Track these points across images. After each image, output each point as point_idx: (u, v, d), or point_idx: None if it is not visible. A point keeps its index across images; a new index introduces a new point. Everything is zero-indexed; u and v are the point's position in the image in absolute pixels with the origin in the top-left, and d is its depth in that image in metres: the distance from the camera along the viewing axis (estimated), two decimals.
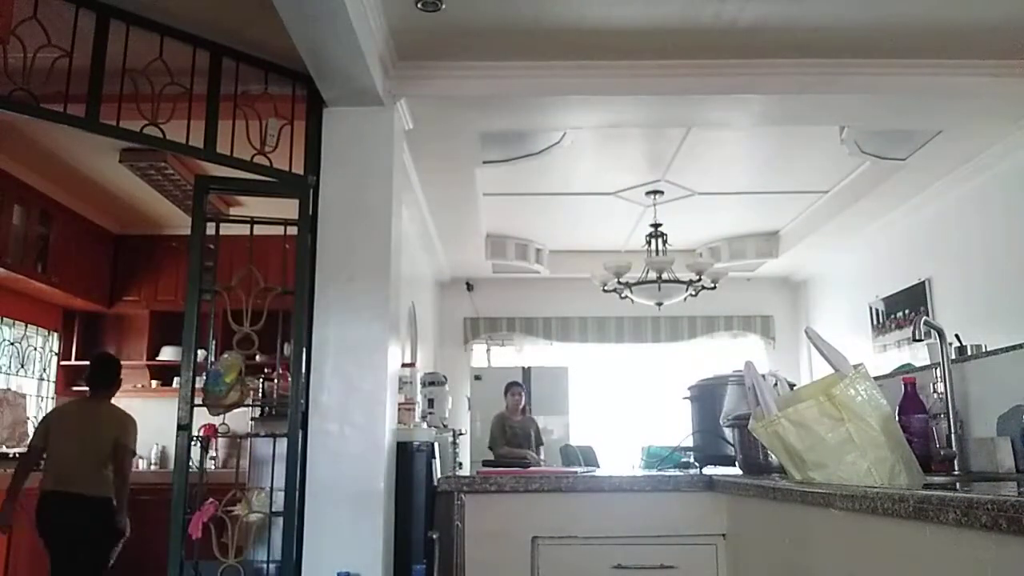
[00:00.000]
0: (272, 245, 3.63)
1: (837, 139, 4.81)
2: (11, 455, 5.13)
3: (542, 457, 6.20)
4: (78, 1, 3.09)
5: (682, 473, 2.74)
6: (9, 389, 5.41)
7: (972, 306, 5.11)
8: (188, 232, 3.45)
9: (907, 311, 5.89)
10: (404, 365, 4.01)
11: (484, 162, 4.90)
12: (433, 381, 4.63)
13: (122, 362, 6.03)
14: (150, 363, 6.12)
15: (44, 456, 4.12)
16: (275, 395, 3.80)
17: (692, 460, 3.13)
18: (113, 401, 4.37)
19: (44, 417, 4.39)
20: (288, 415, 3.34)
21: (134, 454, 4.25)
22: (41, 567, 4.74)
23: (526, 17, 3.34)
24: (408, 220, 5.17)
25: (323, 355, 3.42)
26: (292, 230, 3.51)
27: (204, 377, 3.36)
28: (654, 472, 2.89)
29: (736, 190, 5.99)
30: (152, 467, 6.00)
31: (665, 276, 5.73)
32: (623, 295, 5.94)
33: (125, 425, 4.18)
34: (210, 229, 3.43)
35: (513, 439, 6.12)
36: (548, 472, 2.78)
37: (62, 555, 3.95)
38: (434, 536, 2.86)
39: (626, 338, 7.96)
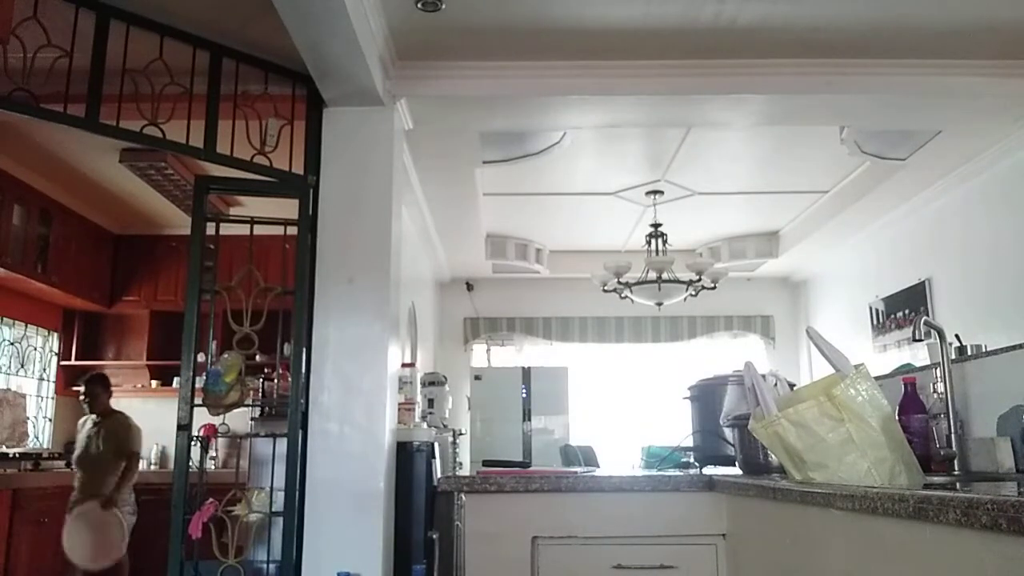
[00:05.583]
0: (272, 245, 3.64)
1: (837, 139, 4.81)
2: (11, 455, 5.14)
3: None
4: (78, 1, 3.09)
5: (682, 473, 2.74)
6: (9, 389, 5.41)
7: (972, 306, 5.11)
8: (188, 232, 3.45)
9: (907, 311, 5.89)
10: (404, 365, 4.01)
11: (484, 162, 4.90)
12: (433, 381, 4.64)
13: (122, 362, 6.17)
14: (150, 363, 6.12)
15: None
16: (275, 395, 3.80)
17: (692, 460, 3.13)
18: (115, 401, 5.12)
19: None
20: (288, 415, 3.34)
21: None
22: (40, 565, 4.75)
23: (526, 17, 3.34)
24: (408, 220, 5.17)
25: (323, 355, 3.42)
26: (292, 230, 3.51)
27: (204, 377, 3.36)
28: (654, 472, 2.89)
29: (736, 190, 5.99)
30: (152, 467, 6.00)
31: (665, 276, 5.73)
32: (623, 295, 5.94)
33: None
34: (210, 229, 3.43)
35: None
36: (548, 472, 2.77)
37: None
38: (434, 536, 2.86)
39: (626, 338, 7.96)
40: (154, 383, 6.17)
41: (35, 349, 5.83)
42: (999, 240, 4.85)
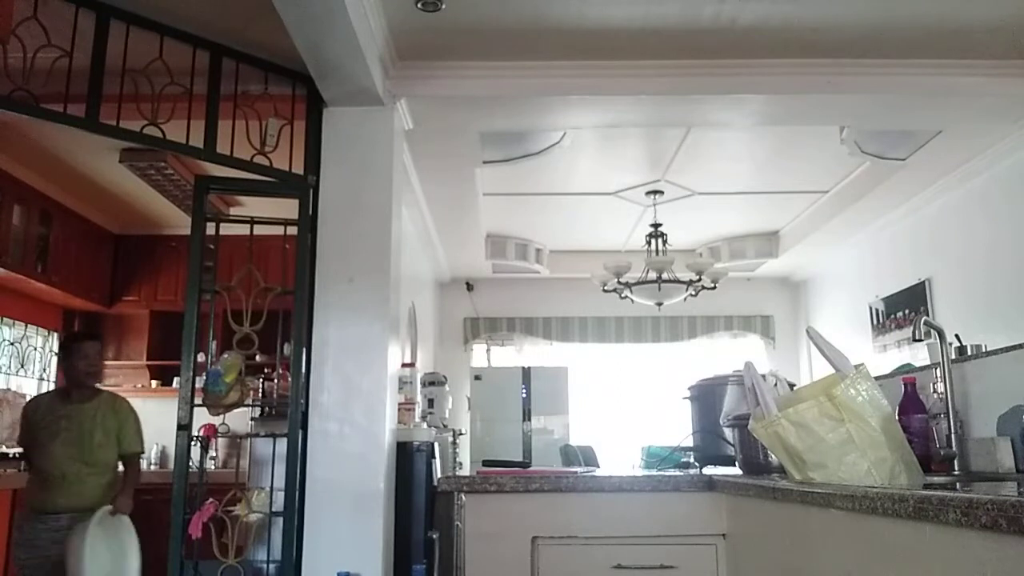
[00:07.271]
0: (272, 245, 3.64)
1: (837, 139, 4.81)
2: (11, 455, 5.13)
3: None
4: (78, 1, 3.09)
5: (682, 473, 2.74)
6: (9, 389, 5.41)
7: (972, 306, 5.11)
8: (188, 232, 3.45)
9: (907, 311, 5.89)
10: (404, 365, 4.01)
11: (484, 162, 4.89)
12: (433, 381, 4.63)
13: (122, 362, 6.15)
14: (150, 363, 6.12)
15: None
16: (275, 395, 3.80)
17: (692, 460, 3.13)
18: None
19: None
20: (288, 415, 3.34)
21: None
22: None
23: (526, 17, 3.34)
24: (408, 220, 5.17)
25: (323, 355, 3.42)
26: (292, 230, 3.51)
27: (204, 377, 3.36)
28: (654, 472, 2.89)
29: (736, 190, 5.99)
30: (152, 467, 6.00)
31: (665, 276, 5.73)
32: (623, 295, 5.94)
33: None
34: (210, 229, 3.43)
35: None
36: (548, 472, 2.78)
37: None
38: (434, 536, 2.86)
39: (626, 338, 7.96)
40: (154, 383, 6.16)
41: (35, 349, 5.83)
42: (999, 240, 4.85)
